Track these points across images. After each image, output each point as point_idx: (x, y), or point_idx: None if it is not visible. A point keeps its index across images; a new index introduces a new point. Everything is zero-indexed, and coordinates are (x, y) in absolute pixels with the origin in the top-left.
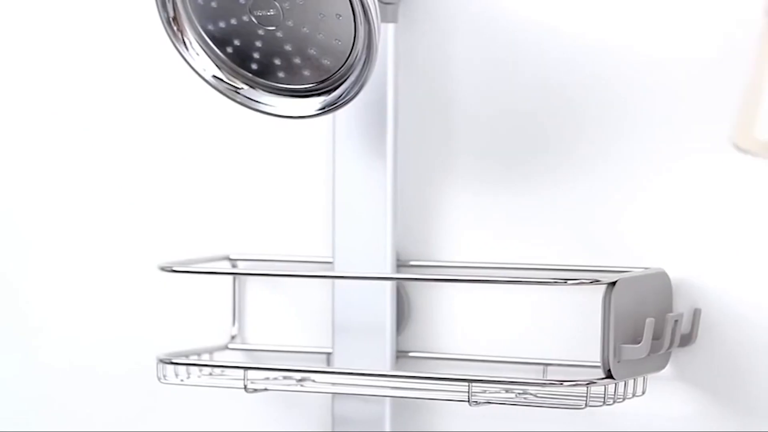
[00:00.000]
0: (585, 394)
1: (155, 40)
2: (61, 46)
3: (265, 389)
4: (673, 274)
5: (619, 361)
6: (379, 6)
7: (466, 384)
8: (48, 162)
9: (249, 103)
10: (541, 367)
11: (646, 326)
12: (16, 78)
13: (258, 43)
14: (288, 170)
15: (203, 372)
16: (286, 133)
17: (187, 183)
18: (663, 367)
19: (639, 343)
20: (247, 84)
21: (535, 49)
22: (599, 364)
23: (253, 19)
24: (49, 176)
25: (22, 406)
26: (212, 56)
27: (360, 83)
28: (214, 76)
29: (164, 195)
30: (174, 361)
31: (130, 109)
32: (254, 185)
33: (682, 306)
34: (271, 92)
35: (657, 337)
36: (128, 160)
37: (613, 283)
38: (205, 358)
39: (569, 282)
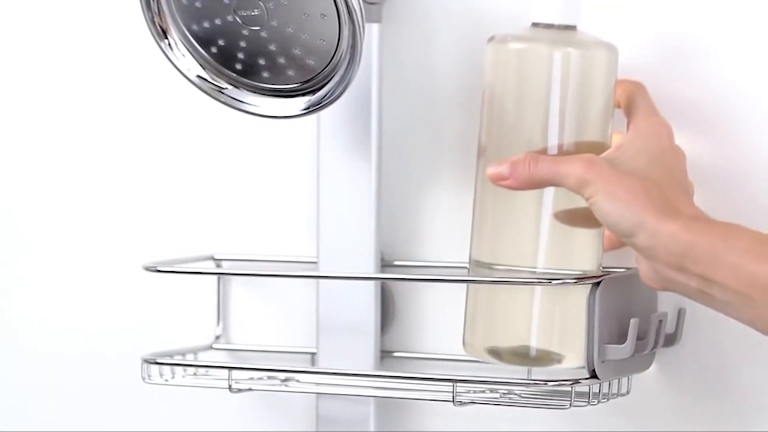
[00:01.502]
0: (569, 394)
1: (138, 40)
2: (43, 48)
3: (250, 389)
4: None
5: (603, 361)
6: (364, 6)
7: (451, 384)
8: (31, 162)
9: (233, 103)
10: (526, 367)
11: (631, 326)
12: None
13: (242, 43)
14: (272, 170)
15: (188, 372)
16: (271, 134)
17: (171, 183)
18: (648, 366)
19: (623, 343)
20: (231, 84)
21: None
22: (584, 364)
23: (238, 19)
24: (33, 176)
25: (5, 406)
26: (196, 56)
27: (344, 83)
28: (199, 76)
29: (149, 195)
30: (158, 361)
31: (114, 109)
32: (239, 185)
33: (666, 306)
34: (255, 92)
35: (641, 337)
36: (112, 160)
37: (598, 283)
38: (189, 358)
39: (554, 282)
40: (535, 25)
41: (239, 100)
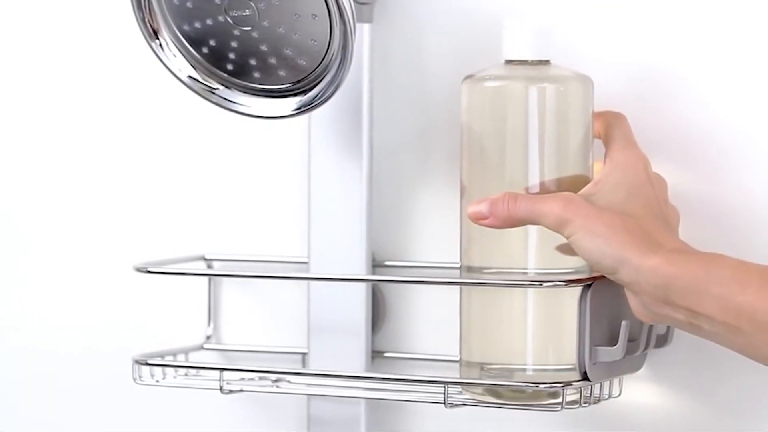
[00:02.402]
0: (561, 396)
1: (130, 40)
2: (36, 49)
3: (241, 390)
4: None
5: (594, 363)
6: (355, 6)
7: (442, 385)
8: (24, 162)
9: (224, 104)
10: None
11: (622, 328)
12: None
13: (233, 44)
14: (264, 170)
15: (179, 373)
16: (262, 134)
17: (163, 183)
18: (639, 368)
19: (615, 345)
20: (222, 84)
21: None
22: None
23: (229, 19)
24: (25, 176)
25: None
26: (187, 56)
27: (336, 83)
28: (190, 77)
29: (140, 195)
30: (149, 361)
31: (105, 110)
32: (230, 185)
33: None
34: (246, 92)
35: (633, 338)
36: (102, 160)
37: (589, 285)
38: (180, 359)
39: (545, 284)
40: (508, 61)
41: (230, 101)
